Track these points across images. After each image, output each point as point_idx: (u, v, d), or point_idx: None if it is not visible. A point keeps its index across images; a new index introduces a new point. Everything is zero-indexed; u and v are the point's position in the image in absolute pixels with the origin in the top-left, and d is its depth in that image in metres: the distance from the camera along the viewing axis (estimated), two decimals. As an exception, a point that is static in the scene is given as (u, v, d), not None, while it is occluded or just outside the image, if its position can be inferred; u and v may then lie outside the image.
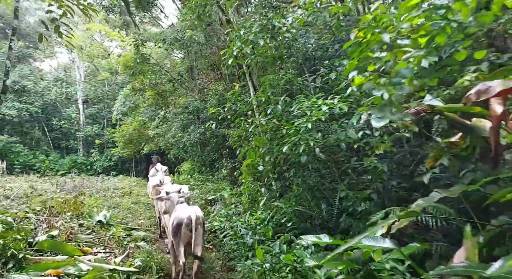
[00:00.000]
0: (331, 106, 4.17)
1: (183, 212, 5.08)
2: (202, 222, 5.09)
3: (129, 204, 11.59)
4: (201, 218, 5.04)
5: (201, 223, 5.02)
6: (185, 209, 5.17)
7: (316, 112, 4.12)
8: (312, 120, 4.07)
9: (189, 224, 4.86)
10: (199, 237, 4.93)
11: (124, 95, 21.74)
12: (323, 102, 4.26)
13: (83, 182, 14.95)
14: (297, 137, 4.24)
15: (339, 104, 4.14)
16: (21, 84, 25.93)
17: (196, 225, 4.85)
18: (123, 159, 27.34)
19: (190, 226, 4.84)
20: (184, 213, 5.03)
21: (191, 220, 4.85)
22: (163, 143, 17.80)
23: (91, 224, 7.67)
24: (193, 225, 4.81)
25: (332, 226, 5.76)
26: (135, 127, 20.48)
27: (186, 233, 4.89)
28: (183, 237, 4.93)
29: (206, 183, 12.09)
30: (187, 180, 14.16)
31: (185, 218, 4.92)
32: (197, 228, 4.88)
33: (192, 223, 4.83)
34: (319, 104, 4.16)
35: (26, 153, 26.77)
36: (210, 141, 12.88)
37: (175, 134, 13.85)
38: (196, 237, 4.82)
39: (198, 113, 13.19)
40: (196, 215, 4.94)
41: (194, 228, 4.80)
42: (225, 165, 11.21)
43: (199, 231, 4.92)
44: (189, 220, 4.87)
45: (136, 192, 14.16)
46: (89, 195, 12.12)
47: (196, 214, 4.95)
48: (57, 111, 30.11)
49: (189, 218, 4.89)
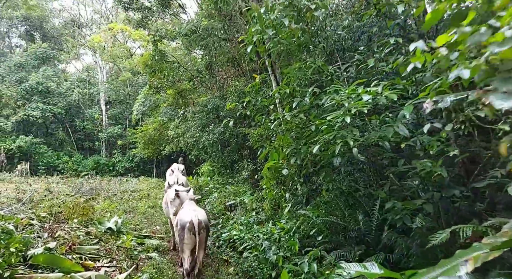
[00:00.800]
0: (374, 95, 3.29)
1: (186, 215, 5.05)
2: (205, 226, 5.01)
3: (145, 207, 11.02)
4: (203, 222, 4.96)
5: (204, 228, 4.95)
6: (188, 212, 5.12)
7: (355, 103, 3.24)
8: (351, 113, 3.20)
9: (191, 229, 4.82)
10: (202, 241, 4.90)
11: (144, 95, 21.41)
12: (364, 91, 3.37)
13: (100, 184, 14.58)
14: (331, 134, 3.38)
15: (385, 92, 3.25)
16: (45, 85, 26.20)
17: (199, 230, 4.81)
18: (144, 160, 27.17)
19: (193, 230, 4.81)
20: (187, 216, 4.99)
21: (193, 225, 4.81)
22: (183, 143, 17.27)
23: (100, 232, 7.06)
24: (196, 229, 4.79)
25: (371, 241, 4.85)
26: (155, 128, 20.08)
27: (190, 237, 4.86)
28: (186, 241, 4.89)
29: (225, 185, 11.37)
30: (206, 182, 13.51)
31: (187, 222, 4.88)
32: (200, 232, 4.84)
33: (194, 228, 4.80)
34: (358, 93, 3.29)
35: (50, 154, 27.05)
36: (230, 140, 12.16)
37: (194, 134, 13.22)
38: (199, 242, 4.81)
39: (217, 111, 12.49)
40: (199, 219, 4.88)
41: (197, 232, 4.78)
42: (245, 167, 10.45)
43: (202, 235, 4.88)
44: (191, 225, 4.83)
45: (154, 195, 13.63)
46: (105, 198, 11.66)
47: (198, 218, 4.89)
48: (80, 112, 30.35)
49: (191, 223, 4.84)
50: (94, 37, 28.09)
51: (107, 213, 9.44)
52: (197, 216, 4.95)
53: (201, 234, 4.86)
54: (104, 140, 29.34)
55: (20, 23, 29.24)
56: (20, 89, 25.87)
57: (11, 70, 26.70)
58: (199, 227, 4.84)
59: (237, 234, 6.68)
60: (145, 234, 8.11)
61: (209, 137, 12.07)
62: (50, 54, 28.51)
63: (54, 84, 26.81)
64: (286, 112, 4.53)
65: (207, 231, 5.10)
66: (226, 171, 13.20)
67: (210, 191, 11.54)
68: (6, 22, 28.33)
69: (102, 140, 29.38)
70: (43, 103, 26.27)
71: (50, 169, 26.77)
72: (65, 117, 29.47)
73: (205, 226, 5.00)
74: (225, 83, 13.32)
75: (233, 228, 7.27)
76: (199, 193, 12.32)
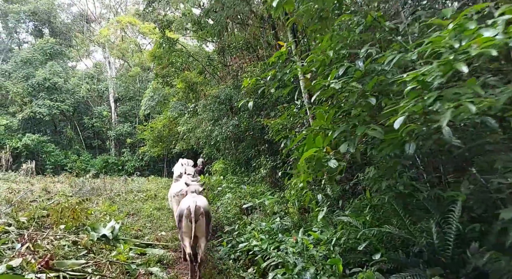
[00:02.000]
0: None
1: (185, 202, 4.98)
2: (204, 212, 4.86)
3: (151, 210, 9.85)
4: (202, 207, 4.85)
5: (202, 213, 4.82)
6: (187, 199, 5.06)
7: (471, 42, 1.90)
8: (469, 56, 1.86)
9: (188, 215, 4.70)
10: (201, 228, 4.78)
11: (153, 89, 20.30)
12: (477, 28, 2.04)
13: (104, 183, 13.50)
14: (430, 95, 2.03)
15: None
16: (52, 82, 25.36)
17: (196, 216, 4.68)
18: (154, 159, 26.13)
19: (189, 217, 4.68)
20: (185, 203, 4.91)
21: (190, 211, 4.69)
22: (194, 140, 16.09)
23: (91, 241, 5.87)
24: (192, 216, 4.64)
25: (449, 262, 3.50)
26: (165, 124, 18.94)
27: (187, 224, 4.73)
28: (184, 229, 4.80)
29: (240, 185, 10.11)
30: (218, 182, 12.27)
31: (185, 209, 4.79)
32: (198, 219, 4.72)
33: (191, 214, 4.66)
34: (474, 30, 1.95)
35: (58, 152, 26.25)
36: (245, 135, 10.89)
37: (205, 128, 11.99)
38: (197, 228, 4.67)
39: (231, 102, 11.23)
40: (196, 205, 4.77)
41: (194, 219, 4.63)
42: (264, 164, 9.15)
43: (200, 222, 4.76)
44: (188, 211, 4.72)
45: (162, 195, 12.45)
46: (106, 199, 10.53)
47: (196, 203, 4.78)
48: (89, 110, 29.54)
49: (188, 209, 4.73)
50: (102, 30, 27.19)
51: (106, 216, 8.29)
52: (195, 202, 4.81)
53: (199, 221, 4.72)
54: (113, 138, 28.41)
55: (27, 17, 28.52)
56: (27, 85, 25.12)
57: (17, 66, 25.98)
58: (197, 213, 4.70)
59: (257, 245, 5.40)
60: (147, 242, 6.90)
61: (221, 131, 10.82)
62: (58, 50, 27.70)
63: (61, 80, 25.96)
64: (331, 78, 3.19)
65: (207, 218, 4.92)
66: (241, 169, 11.95)
67: (223, 191, 10.30)
68: (13, 17, 27.62)
69: (111, 138, 28.47)
70: (50, 100, 25.45)
71: (58, 168, 25.98)
72: (73, 115, 28.68)
73: (204, 212, 4.84)
74: (239, 72, 12.05)
75: (252, 236, 6.00)
76: (212, 194, 11.11)
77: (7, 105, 25.95)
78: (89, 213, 7.40)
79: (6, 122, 24.45)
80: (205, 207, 4.97)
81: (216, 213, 7.84)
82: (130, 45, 28.03)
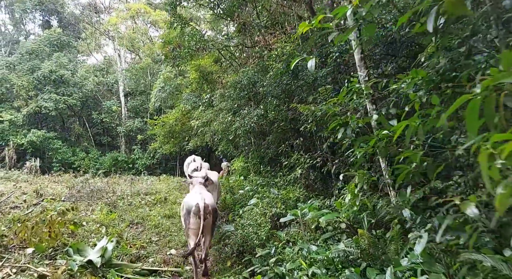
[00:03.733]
0: None
1: (192, 198, 4.99)
2: (212, 210, 4.94)
3: (159, 218, 8.15)
4: (210, 206, 4.90)
5: (210, 212, 4.88)
6: (194, 195, 5.08)
7: None
8: None
9: (197, 213, 4.72)
10: (208, 226, 4.83)
11: (164, 79, 18.59)
12: None
13: (107, 184, 11.86)
14: None
15: None
16: (58, 74, 23.98)
17: (205, 214, 4.71)
18: (167, 157, 24.50)
19: (198, 214, 4.70)
20: (193, 199, 4.92)
21: (199, 208, 4.71)
22: (209, 136, 14.36)
23: (70, 271, 4.15)
24: (201, 213, 4.66)
25: None
26: (177, 118, 17.23)
27: (196, 222, 4.73)
28: (192, 226, 4.77)
29: (268, 188, 8.31)
30: (239, 183, 10.51)
31: (193, 206, 4.80)
32: (206, 217, 4.75)
33: (200, 211, 4.68)
34: None
35: (65, 149, 24.88)
36: (272, 126, 9.06)
37: (223, 120, 10.22)
38: (205, 225, 4.68)
39: (254, 88, 9.43)
40: (205, 203, 4.80)
41: (203, 217, 4.65)
42: (301, 162, 7.27)
43: (208, 220, 4.81)
44: (197, 208, 4.73)
45: (173, 198, 10.75)
46: (107, 204, 8.86)
47: (205, 201, 4.81)
48: (98, 104, 28.13)
49: (197, 206, 4.75)
50: (111, 19, 25.68)
51: (101, 229, 6.59)
52: (203, 199, 4.83)
53: (207, 219, 4.76)
54: (123, 134, 26.93)
55: (34, 7, 27.28)
56: (32, 78, 23.84)
57: (23, 58, 24.73)
58: (206, 211, 4.74)
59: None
60: (151, 268, 5.15)
61: (243, 123, 9.01)
62: (65, 41, 26.36)
63: (68, 73, 24.54)
64: None
65: (214, 216, 4.98)
66: (265, 168, 10.13)
67: (246, 195, 8.51)
68: (18, 6, 26.40)
69: (120, 134, 27.00)
70: (57, 94, 24.09)
71: (65, 166, 24.68)
72: (82, 110, 27.36)
73: (211, 210, 4.91)
74: (264, 51, 10.21)
75: (297, 266, 4.18)
76: (231, 198, 9.33)
77: (11, 99, 24.67)
78: (77, 228, 5.68)
79: (11, 117, 23.19)
80: (212, 204, 5.03)
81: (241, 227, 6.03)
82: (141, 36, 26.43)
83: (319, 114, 6.08)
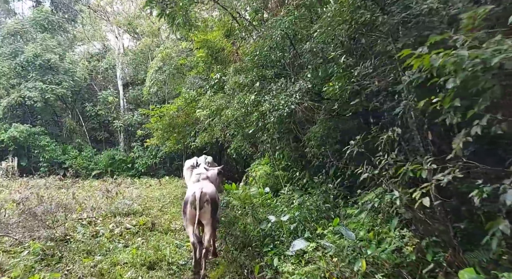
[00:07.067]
0: None
1: (191, 189, 4.97)
2: (210, 199, 4.81)
3: (130, 273, 4.59)
4: (208, 194, 4.82)
5: (208, 200, 4.77)
6: (194, 186, 5.09)
7: None
8: None
9: (193, 202, 4.67)
10: (206, 215, 4.72)
11: (162, 57, 15.00)
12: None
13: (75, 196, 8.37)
14: None
15: None
16: (44, 59, 20.71)
17: (201, 203, 4.63)
18: (172, 155, 20.98)
19: (194, 203, 4.64)
20: (192, 190, 4.90)
21: (195, 197, 4.66)
22: (219, 129, 10.81)
23: None
24: (197, 202, 4.59)
25: None
26: (179, 106, 13.64)
27: (191, 211, 4.69)
28: (188, 216, 4.74)
29: (317, 214, 4.74)
30: (265, 201, 6.94)
31: (190, 195, 4.77)
32: (203, 206, 4.67)
33: (196, 201, 4.62)
34: None
35: (54, 147, 21.67)
36: (322, 110, 5.41)
37: (242, 102, 6.61)
38: (202, 215, 4.63)
39: (293, 45, 5.77)
40: (202, 191, 4.73)
41: (199, 206, 4.58)
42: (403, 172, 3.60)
43: (205, 209, 4.71)
44: (194, 197, 4.69)
45: (167, 221, 7.20)
46: (51, 240, 5.36)
47: (202, 190, 4.74)
48: (94, 95, 24.81)
49: (193, 195, 4.71)
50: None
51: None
52: (201, 188, 4.76)
53: (204, 207, 4.65)
54: (121, 129, 23.54)
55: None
56: (15, 64, 20.66)
57: (4, 40, 21.57)
58: (203, 199, 4.65)
59: None
60: None
61: (277, 104, 5.38)
62: (54, 21, 23.04)
63: (56, 57, 21.22)
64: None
65: (213, 205, 4.82)
66: (308, 177, 6.50)
67: (284, 228, 4.94)
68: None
69: (119, 129, 23.61)
70: (43, 82, 20.84)
71: (55, 166, 21.51)
72: (75, 102, 24.09)
73: (210, 199, 4.78)
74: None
75: None
76: (256, 230, 5.79)
77: (-11, 88, 21.56)
78: None
79: (-12, 109, 20.10)
80: (211, 193, 4.93)
81: None
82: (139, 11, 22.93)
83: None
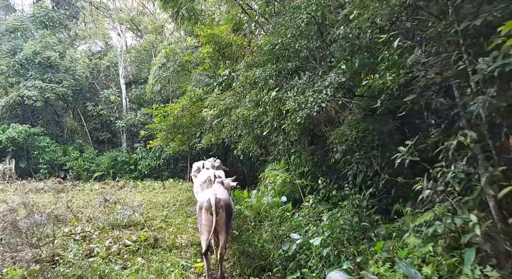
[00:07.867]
0: None
1: (204, 195, 4.93)
2: (224, 205, 4.71)
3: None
4: (222, 201, 4.71)
5: (223, 207, 4.68)
6: (207, 191, 5.03)
7: None
8: None
9: (209, 208, 4.59)
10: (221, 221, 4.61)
11: (165, 53, 14.17)
12: None
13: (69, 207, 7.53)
14: None
15: None
16: (43, 57, 19.98)
17: (217, 209, 4.53)
18: (176, 156, 20.15)
19: (210, 210, 4.56)
20: (205, 195, 4.84)
21: (210, 204, 4.57)
22: (228, 129, 9.93)
23: None
24: (213, 209, 4.50)
25: None
26: (184, 106, 12.80)
27: (207, 218, 4.61)
28: (204, 222, 4.67)
29: (352, 233, 3.87)
30: (284, 213, 6.08)
31: (205, 201, 4.70)
32: (219, 212, 4.58)
33: (212, 207, 4.53)
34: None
35: (54, 148, 20.92)
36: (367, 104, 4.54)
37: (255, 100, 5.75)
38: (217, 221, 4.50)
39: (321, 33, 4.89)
40: (217, 197, 4.64)
41: (215, 212, 4.48)
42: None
43: (220, 215, 4.62)
44: (208, 203, 4.62)
45: (172, 235, 6.34)
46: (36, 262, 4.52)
47: (216, 196, 4.65)
48: (96, 94, 24.04)
49: (208, 201, 4.63)
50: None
51: None
52: (215, 194, 4.68)
53: (219, 214, 4.57)
54: (124, 129, 22.74)
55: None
56: (13, 62, 19.93)
57: (3, 37, 20.86)
58: (217, 206, 4.55)
59: None
60: None
61: (304, 101, 4.50)
62: (55, 18, 22.29)
63: (56, 55, 20.49)
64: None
65: (227, 212, 4.73)
66: (333, 186, 5.63)
67: (312, 249, 4.08)
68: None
69: (121, 129, 22.81)
70: (42, 80, 20.10)
71: (55, 168, 20.79)
72: (76, 100, 23.32)
73: (224, 205, 4.70)
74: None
75: None
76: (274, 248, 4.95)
77: (-13, 87, 20.85)
78: None
79: (-15, 109, 19.39)
80: (226, 199, 4.82)
81: None
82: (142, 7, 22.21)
83: None
